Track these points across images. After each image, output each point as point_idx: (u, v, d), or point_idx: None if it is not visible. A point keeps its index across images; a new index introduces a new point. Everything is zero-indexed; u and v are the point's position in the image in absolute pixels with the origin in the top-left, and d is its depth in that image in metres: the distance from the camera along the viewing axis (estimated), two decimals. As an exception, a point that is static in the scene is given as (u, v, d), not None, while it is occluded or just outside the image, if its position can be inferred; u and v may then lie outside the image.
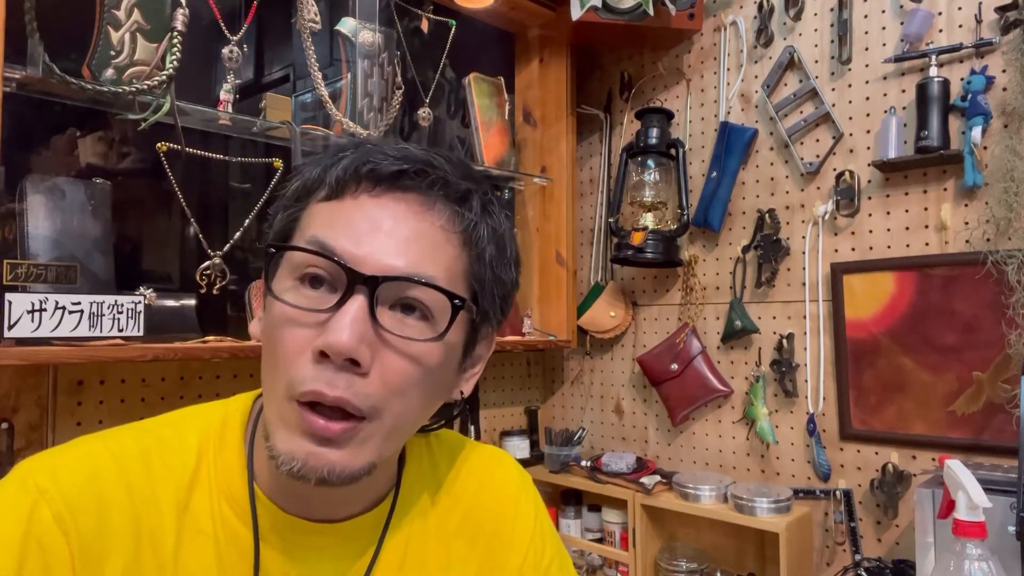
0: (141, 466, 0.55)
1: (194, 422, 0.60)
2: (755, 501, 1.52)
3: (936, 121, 1.40)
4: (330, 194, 0.55)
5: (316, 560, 0.59)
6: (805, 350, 1.62)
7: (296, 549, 0.58)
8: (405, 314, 0.53)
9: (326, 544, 0.59)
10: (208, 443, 0.59)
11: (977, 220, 1.39)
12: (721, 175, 1.74)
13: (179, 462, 0.56)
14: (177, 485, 0.55)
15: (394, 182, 0.54)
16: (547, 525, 0.74)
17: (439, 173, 0.55)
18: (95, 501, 0.51)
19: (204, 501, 0.56)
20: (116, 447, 0.55)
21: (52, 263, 1.12)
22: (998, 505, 1.09)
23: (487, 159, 1.87)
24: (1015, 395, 1.30)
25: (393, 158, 0.54)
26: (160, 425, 0.59)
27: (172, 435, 0.58)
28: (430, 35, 1.75)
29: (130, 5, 1.18)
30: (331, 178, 0.54)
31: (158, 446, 0.57)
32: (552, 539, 0.74)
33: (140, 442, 0.56)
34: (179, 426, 0.59)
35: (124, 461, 0.54)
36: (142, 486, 0.54)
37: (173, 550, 0.54)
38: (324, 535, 0.59)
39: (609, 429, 2.02)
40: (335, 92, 1.55)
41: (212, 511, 0.56)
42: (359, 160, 0.55)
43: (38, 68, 1.10)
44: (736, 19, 1.77)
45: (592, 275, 2.06)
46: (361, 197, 0.54)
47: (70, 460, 0.53)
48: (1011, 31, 1.36)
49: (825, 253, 1.60)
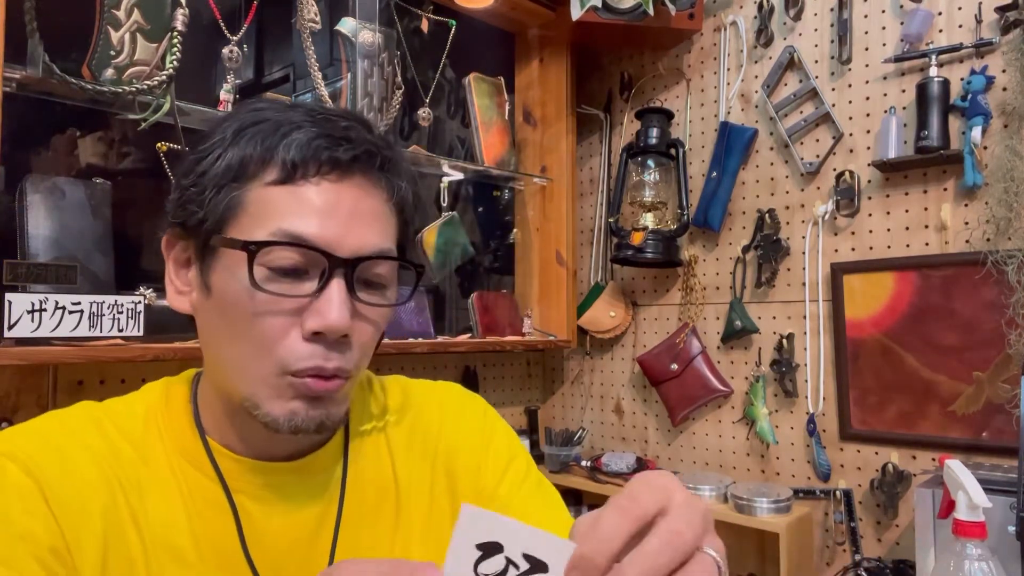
0: (94, 429, 0.58)
1: (137, 396, 0.64)
2: (755, 501, 1.52)
3: (936, 121, 1.40)
4: (284, 178, 0.55)
5: (290, 497, 0.62)
6: (805, 350, 1.62)
7: (265, 492, 0.61)
8: (373, 286, 0.59)
9: (292, 481, 0.63)
10: (154, 409, 0.62)
11: (977, 220, 1.39)
12: (721, 175, 1.74)
13: (129, 424, 0.60)
14: (132, 442, 0.59)
15: (350, 166, 0.57)
16: (498, 424, 0.77)
17: (382, 152, 0.59)
18: (58, 456, 0.55)
19: (160, 456, 0.60)
20: (65, 417, 0.59)
21: (52, 263, 1.12)
22: (998, 505, 1.09)
23: (487, 159, 1.87)
24: (1015, 395, 1.30)
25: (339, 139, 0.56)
26: (106, 402, 0.64)
27: (118, 404, 0.62)
28: (430, 35, 1.75)
29: (130, 5, 1.18)
30: (281, 160, 0.55)
31: (107, 413, 0.61)
32: (504, 435, 0.76)
33: (89, 412, 0.61)
34: (124, 399, 0.64)
35: (76, 427, 0.58)
36: (99, 445, 0.57)
37: (140, 500, 0.57)
38: (288, 473, 0.63)
39: (609, 429, 2.02)
40: (335, 92, 1.55)
41: (171, 464, 0.60)
42: (308, 141, 0.55)
43: (38, 68, 1.10)
44: (736, 19, 1.77)
45: (592, 275, 2.06)
46: (322, 183, 0.56)
47: (22, 431, 0.57)
48: (1011, 31, 1.36)
49: (825, 253, 1.60)
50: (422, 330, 1.68)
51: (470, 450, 0.72)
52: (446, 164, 1.78)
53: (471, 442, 0.73)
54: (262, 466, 0.61)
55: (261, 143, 0.56)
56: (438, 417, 0.73)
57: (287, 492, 0.62)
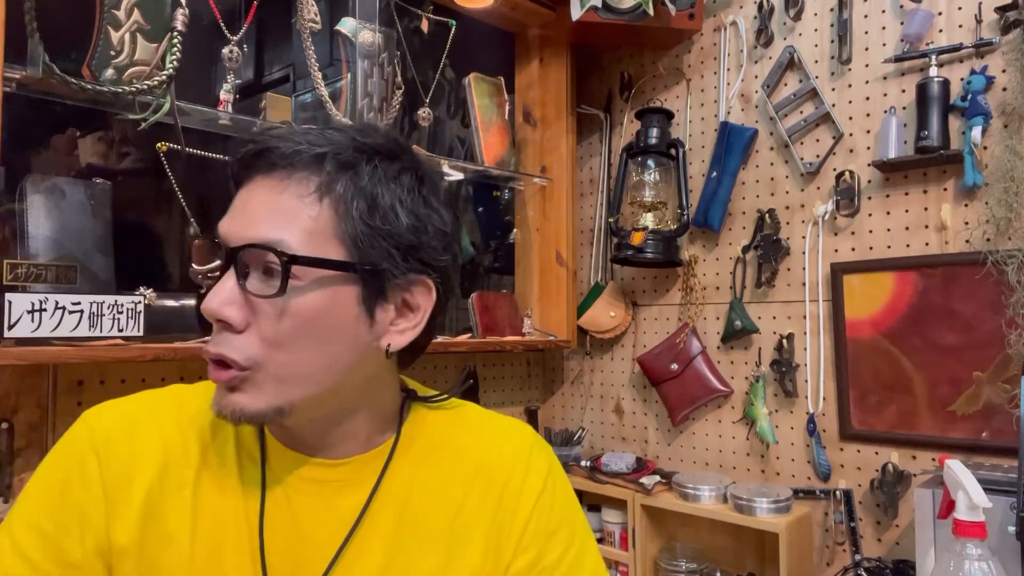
0: (174, 411, 0.68)
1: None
2: (755, 501, 1.52)
3: (936, 121, 1.40)
4: (235, 187, 0.64)
5: (316, 494, 0.66)
6: (805, 350, 1.62)
7: (297, 481, 0.66)
8: (268, 277, 0.60)
9: (325, 478, 0.67)
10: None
11: (977, 220, 1.39)
12: (721, 175, 1.74)
13: (202, 419, 0.68)
14: (200, 429, 0.67)
15: (251, 166, 0.62)
16: (561, 491, 0.75)
17: (291, 146, 0.61)
18: (127, 436, 0.65)
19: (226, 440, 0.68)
20: (156, 399, 0.70)
21: (52, 263, 1.12)
22: (998, 505, 1.09)
23: (487, 159, 1.87)
24: (1015, 395, 1.30)
25: (256, 144, 0.62)
26: (195, 386, 0.73)
27: (194, 393, 0.71)
28: (430, 35, 1.75)
29: (130, 5, 1.18)
30: (231, 173, 0.65)
31: (190, 397, 0.70)
32: (564, 505, 0.74)
33: (175, 394, 0.71)
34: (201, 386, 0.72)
35: (160, 410, 0.68)
36: (171, 428, 0.67)
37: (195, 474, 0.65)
38: (326, 468, 0.67)
39: (609, 429, 2.02)
40: (335, 92, 1.55)
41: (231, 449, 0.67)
42: (242, 152, 0.63)
43: (38, 68, 1.10)
44: (736, 19, 1.77)
45: (592, 275, 2.06)
46: (243, 186, 0.63)
47: (117, 407, 0.68)
48: (1011, 31, 1.36)
49: (825, 253, 1.60)
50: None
51: (526, 509, 0.71)
52: (446, 164, 1.77)
53: (528, 504, 0.71)
54: (300, 459, 0.67)
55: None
56: (504, 471, 0.72)
57: (319, 488, 0.67)
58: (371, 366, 0.66)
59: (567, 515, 0.74)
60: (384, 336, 0.65)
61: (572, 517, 0.75)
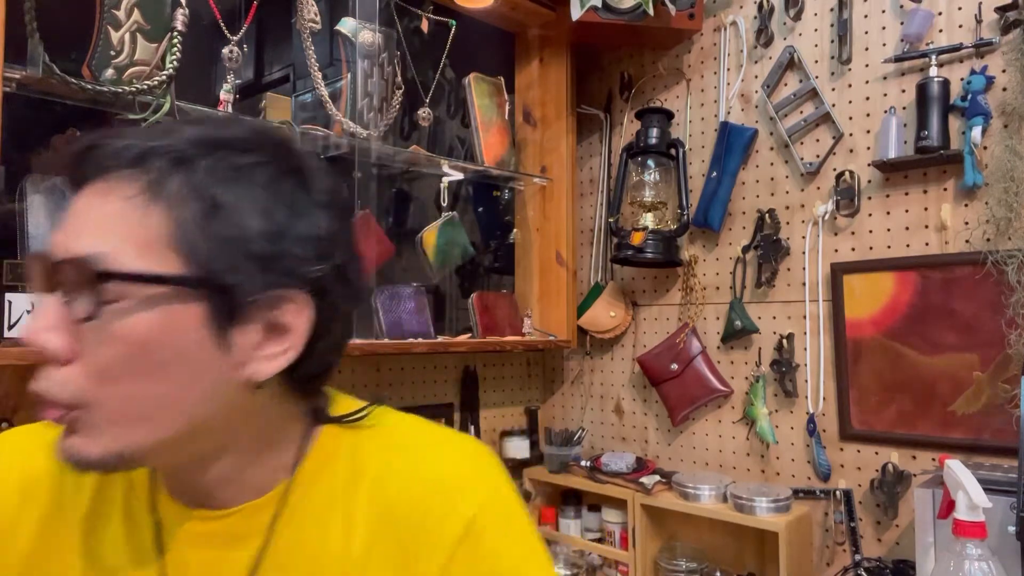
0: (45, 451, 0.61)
1: None
2: (755, 501, 1.52)
3: (936, 121, 1.40)
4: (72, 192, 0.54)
5: (205, 546, 0.59)
6: (805, 350, 1.62)
7: (187, 535, 0.59)
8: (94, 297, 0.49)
9: (213, 531, 0.59)
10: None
11: (977, 220, 1.39)
12: (721, 175, 1.74)
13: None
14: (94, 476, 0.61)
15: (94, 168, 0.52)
16: (492, 541, 0.58)
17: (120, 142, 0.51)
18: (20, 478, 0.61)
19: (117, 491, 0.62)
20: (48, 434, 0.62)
21: (52, 263, 1.11)
22: (998, 505, 1.09)
23: (487, 159, 1.87)
24: (1015, 395, 1.30)
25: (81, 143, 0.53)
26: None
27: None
28: (430, 35, 1.75)
29: (130, 5, 1.18)
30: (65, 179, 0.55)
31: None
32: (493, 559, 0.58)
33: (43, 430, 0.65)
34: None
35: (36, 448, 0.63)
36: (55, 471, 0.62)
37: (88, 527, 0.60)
38: (209, 521, 0.59)
39: (609, 429, 2.02)
40: (335, 92, 1.55)
41: (124, 493, 0.62)
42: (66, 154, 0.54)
43: (38, 68, 1.10)
44: (736, 19, 1.77)
45: (592, 275, 2.06)
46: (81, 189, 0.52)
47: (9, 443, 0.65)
48: (1011, 31, 1.36)
49: (825, 253, 1.60)
50: (422, 330, 1.68)
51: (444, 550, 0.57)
52: (446, 164, 1.78)
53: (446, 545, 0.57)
54: (186, 512, 0.59)
55: None
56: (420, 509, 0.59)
57: (207, 541, 0.59)
58: (238, 399, 0.54)
59: (500, 571, 0.58)
60: (249, 364, 0.53)
61: (509, 572, 0.58)
